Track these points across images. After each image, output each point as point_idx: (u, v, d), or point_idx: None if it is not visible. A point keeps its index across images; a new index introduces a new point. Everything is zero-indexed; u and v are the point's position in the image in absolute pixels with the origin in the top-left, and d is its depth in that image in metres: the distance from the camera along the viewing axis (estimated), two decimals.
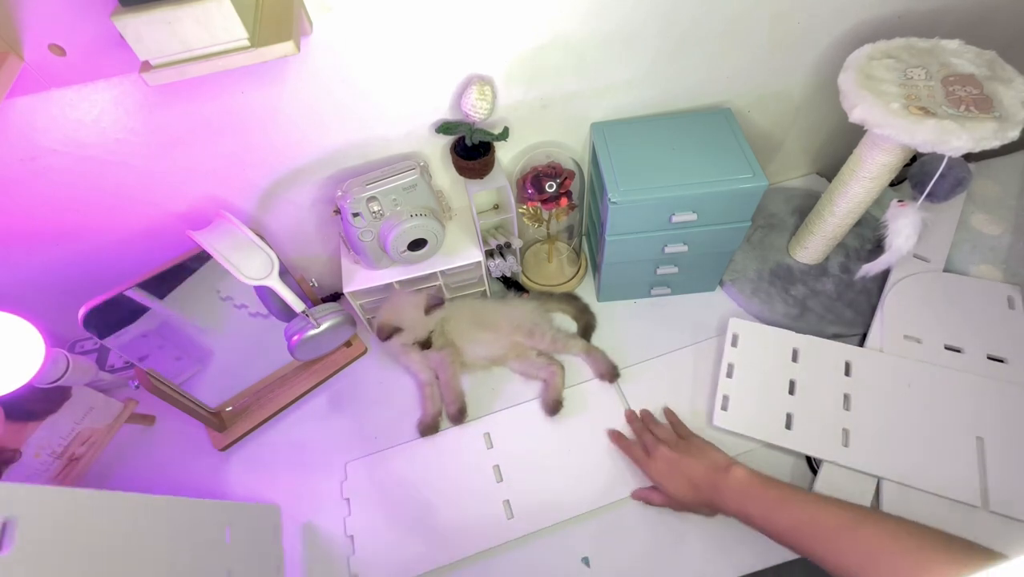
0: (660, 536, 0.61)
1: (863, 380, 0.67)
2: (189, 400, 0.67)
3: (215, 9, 0.39)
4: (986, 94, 0.55)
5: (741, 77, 0.71)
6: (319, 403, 0.75)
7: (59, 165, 0.56)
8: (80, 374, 0.64)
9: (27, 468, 0.62)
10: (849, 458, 0.61)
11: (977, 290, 0.73)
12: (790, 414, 0.65)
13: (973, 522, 0.57)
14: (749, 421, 0.66)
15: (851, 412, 0.64)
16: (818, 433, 0.64)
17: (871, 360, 0.68)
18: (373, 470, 0.68)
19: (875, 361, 0.68)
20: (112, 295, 0.56)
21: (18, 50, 0.44)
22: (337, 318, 0.64)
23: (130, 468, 0.71)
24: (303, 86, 0.57)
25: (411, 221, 0.63)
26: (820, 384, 0.67)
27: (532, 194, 0.69)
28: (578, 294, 0.81)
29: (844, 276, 0.78)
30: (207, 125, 0.57)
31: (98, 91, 0.51)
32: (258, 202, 0.68)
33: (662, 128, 0.69)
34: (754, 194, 0.63)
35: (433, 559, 0.61)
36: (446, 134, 0.65)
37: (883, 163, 0.61)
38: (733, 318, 0.73)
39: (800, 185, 0.92)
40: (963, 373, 0.66)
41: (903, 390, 0.65)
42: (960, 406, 0.63)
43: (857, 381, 0.67)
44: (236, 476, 0.70)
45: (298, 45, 0.43)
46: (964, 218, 0.80)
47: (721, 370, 0.69)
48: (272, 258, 0.59)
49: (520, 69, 0.62)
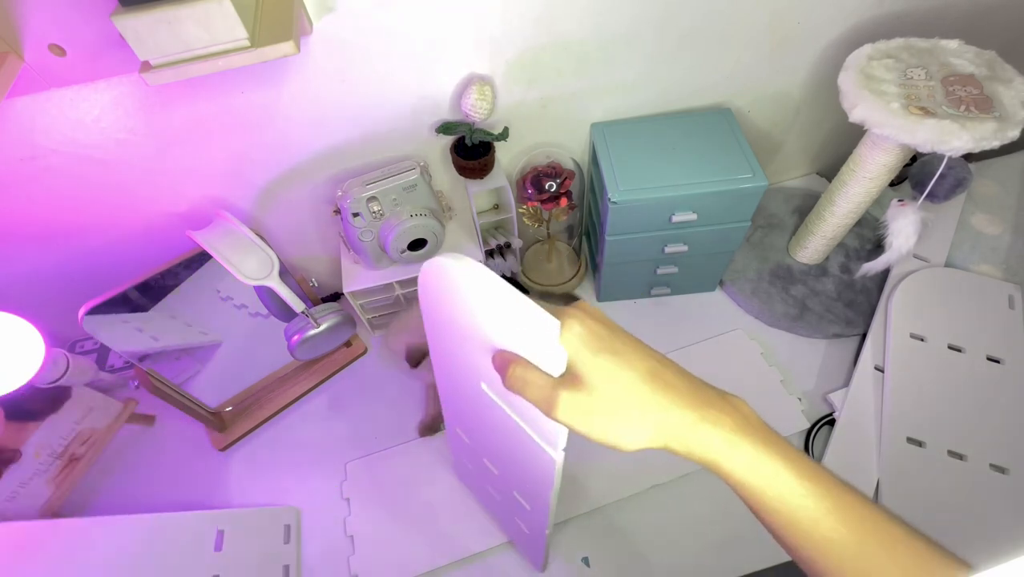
0: (660, 536, 0.61)
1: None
2: (189, 400, 0.67)
3: (215, 9, 0.39)
4: (986, 94, 0.55)
5: (741, 77, 0.71)
6: (319, 403, 0.75)
7: (59, 165, 0.56)
8: (80, 374, 0.64)
9: (27, 468, 0.62)
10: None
11: (980, 287, 0.73)
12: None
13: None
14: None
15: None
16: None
17: None
18: (373, 470, 0.68)
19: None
20: (112, 295, 0.56)
21: (18, 50, 0.44)
22: (337, 318, 0.64)
23: (130, 468, 0.71)
24: (303, 86, 0.57)
25: (411, 221, 0.63)
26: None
27: (532, 194, 0.69)
28: (578, 294, 0.81)
29: (844, 276, 0.78)
30: (207, 125, 0.57)
31: (98, 91, 0.51)
32: (258, 202, 0.68)
33: (662, 128, 0.69)
34: (754, 194, 0.63)
35: (433, 559, 0.61)
36: (446, 134, 0.65)
37: (883, 163, 0.61)
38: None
39: (800, 185, 0.92)
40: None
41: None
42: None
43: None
44: (236, 476, 0.69)
45: (298, 45, 0.43)
46: (964, 218, 0.80)
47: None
48: (272, 258, 0.59)
49: (520, 69, 0.62)
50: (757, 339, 0.75)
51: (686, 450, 0.30)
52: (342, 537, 0.63)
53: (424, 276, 0.34)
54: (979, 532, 0.57)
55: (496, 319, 0.31)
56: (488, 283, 0.29)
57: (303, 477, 0.68)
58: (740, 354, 0.74)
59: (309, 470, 0.69)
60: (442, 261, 0.30)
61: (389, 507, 0.65)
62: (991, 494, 0.59)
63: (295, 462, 0.70)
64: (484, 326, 0.32)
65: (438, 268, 0.31)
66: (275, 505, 0.66)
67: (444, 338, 0.39)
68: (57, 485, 0.64)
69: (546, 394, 0.30)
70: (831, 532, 0.30)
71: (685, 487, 0.63)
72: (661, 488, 0.63)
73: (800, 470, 0.30)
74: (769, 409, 0.67)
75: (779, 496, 0.30)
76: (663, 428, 0.30)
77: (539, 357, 0.30)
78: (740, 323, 0.77)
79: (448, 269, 0.31)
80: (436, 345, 0.42)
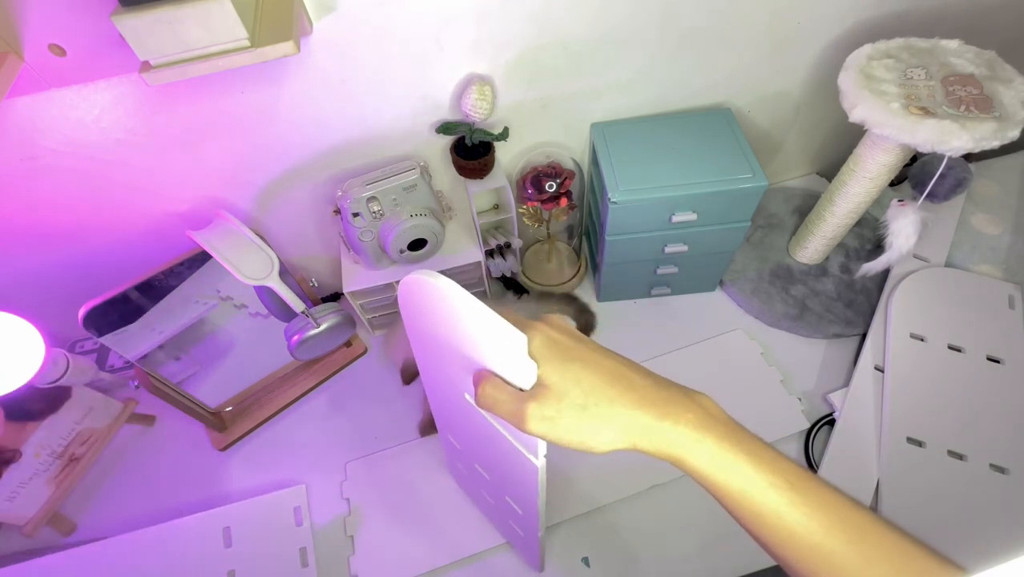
0: (660, 536, 0.61)
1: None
2: (189, 400, 0.67)
3: (215, 9, 0.39)
4: (986, 94, 0.55)
5: (741, 77, 0.71)
6: (319, 403, 0.75)
7: (59, 165, 0.56)
8: (80, 374, 0.64)
9: (27, 468, 0.62)
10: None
11: (980, 287, 0.73)
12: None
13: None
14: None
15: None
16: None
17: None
18: (373, 470, 0.68)
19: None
20: (112, 295, 0.56)
21: (18, 50, 0.44)
22: (337, 318, 0.64)
23: (130, 468, 0.71)
24: (303, 86, 0.57)
25: (411, 221, 0.63)
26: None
27: (532, 194, 0.69)
28: (578, 294, 0.81)
29: (844, 276, 0.78)
30: (207, 125, 0.57)
31: (98, 91, 0.51)
32: (258, 202, 0.68)
33: (662, 128, 0.69)
34: (754, 194, 0.63)
35: (433, 559, 0.61)
36: (446, 134, 0.65)
37: (883, 163, 0.61)
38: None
39: (800, 185, 0.92)
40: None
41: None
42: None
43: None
44: (236, 476, 0.69)
45: (298, 45, 0.43)
46: (964, 218, 0.80)
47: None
48: (272, 258, 0.59)
49: (520, 69, 0.62)
50: (757, 339, 0.75)
51: (653, 448, 0.31)
52: (342, 537, 0.63)
53: (403, 293, 0.34)
54: (979, 532, 0.57)
55: (470, 334, 0.32)
56: (459, 300, 0.30)
57: (303, 477, 0.68)
58: (740, 354, 0.74)
59: (309, 470, 0.69)
60: (418, 278, 0.31)
61: (389, 507, 0.65)
62: (991, 494, 0.59)
63: (295, 462, 0.70)
64: (461, 341, 0.33)
65: (416, 285, 0.32)
66: (300, 485, 0.66)
67: (428, 350, 0.39)
68: (57, 485, 0.64)
69: (514, 408, 0.31)
70: (796, 525, 0.29)
71: (684, 487, 0.63)
72: (661, 488, 0.63)
73: (762, 464, 0.30)
74: (769, 409, 0.68)
75: (741, 490, 0.30)
76: (629, 428, 0.31)
77: (510, 370, 0.31)
78: (740, 323, 0.77)
79: (424, 286, 0.31)
80: (421, 357, 0.42)
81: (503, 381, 0.32)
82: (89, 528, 0.66)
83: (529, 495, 0.41)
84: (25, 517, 0.62)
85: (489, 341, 0.31)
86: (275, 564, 0.59)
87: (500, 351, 0.31)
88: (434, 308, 0.32)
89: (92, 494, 0.69)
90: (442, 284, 0.30)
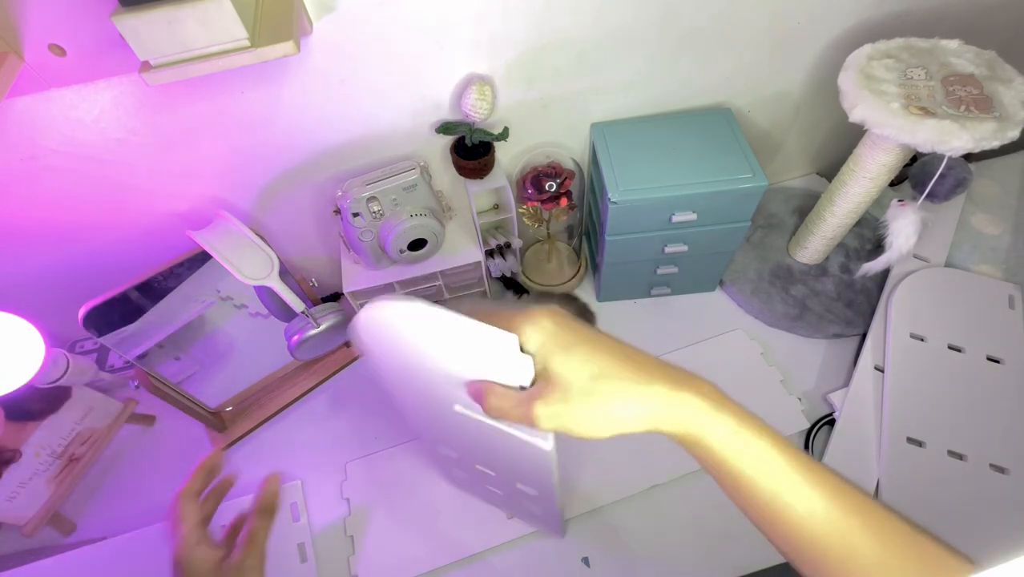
0: (660, 536, 0.61)
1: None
2: (189, 400, 0.67)
3: (215, 9, 0.39)
4: (986, 94, 0.55)
5: (741, 77, 0.71)
6: (319, 403, 0.75)
7: (59, 165, 0.56)
8: (80, 374, 0.64)
9: (27, 468, 0.62)
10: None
11: (980, 287, 0.73)
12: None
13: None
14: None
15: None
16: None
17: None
18: (373, 470, 0.68)
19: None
20: (112, 295, 0.56)
21: (18, 50, 0.44)
22: (337, 318, 0.64)
23: (130, 468, 0.71)
24: (303, 86, 0.57)
25: (411, 221, 0.63)
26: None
27: (532, 194, 0.69)
28: (578, 294, 0.81)
29: (844, 276, 0.78)
30: (207, 125, 0.57)
31: (98, 91, 0.51)
32: (258, 202, 0.68)
33: (662, 128, 0.69)
34: (754, 194, 0.63)
35: (433, 559, 0.61)
36: (446, 134, 0.65)
37: (883, 163, 0.61)
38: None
39: (800, 185, 0.92)
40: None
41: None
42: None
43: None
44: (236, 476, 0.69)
45: (298, 45, 0.43)
46: (964, 218, 0.80)
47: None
48: (272, 258, 0.59)
49: (520, 69, 0.62)
50: (757, 339, 0.75)
51: (671, 424, 0.30)
52: (342, 537, 0.63)
53: (362, 327, 0.32)
54: (979, 532, 0.57)
55: (452, 348, 0.30)
56: (434, 317, 0.28)
57: (303, 477, 0.68)
58: (740, 354, 0.74)
59: (309, 470, 0.69)
60: (383, 304, 0.29)
61: (389, 507, 0.65)
62: (991, 494, 0.59)
63: (295, 462, 0.70)
64: (441, 357, 0.31)
65: (379, 314, 0.30)
66: (295, 481, 0.66)
67: (399, 377, 0.38)
68: (57, 485, 0.64)
69: (525, 411, 0.30)
70: (815, 505, 0.29)
71: (685, 487, 0.63)
72: (661, 488, 0.63)
73: (778, 443, 0.30)
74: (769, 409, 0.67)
75: (760, 468, 0.30)
76: (647, 402, 0.30)
77: (506, 372, 0.30)
78: (740, 323, 0.77)
79: (391, 311, 0.29)
80: (392, 386, 0.40)
81: (504, 388, 0.31)
82: (89, 528, 0.66)
83: (543, 476, 0.41)
84: (25, 517, 0.62)
85: (476, 350, 0.29)
86: (274, 560, 0.58)
87: (491, 356, 0.30)
88: (402, 332, 0.31)
89: (92, 494, 0.69)
90: (410, 307, 0.28)
